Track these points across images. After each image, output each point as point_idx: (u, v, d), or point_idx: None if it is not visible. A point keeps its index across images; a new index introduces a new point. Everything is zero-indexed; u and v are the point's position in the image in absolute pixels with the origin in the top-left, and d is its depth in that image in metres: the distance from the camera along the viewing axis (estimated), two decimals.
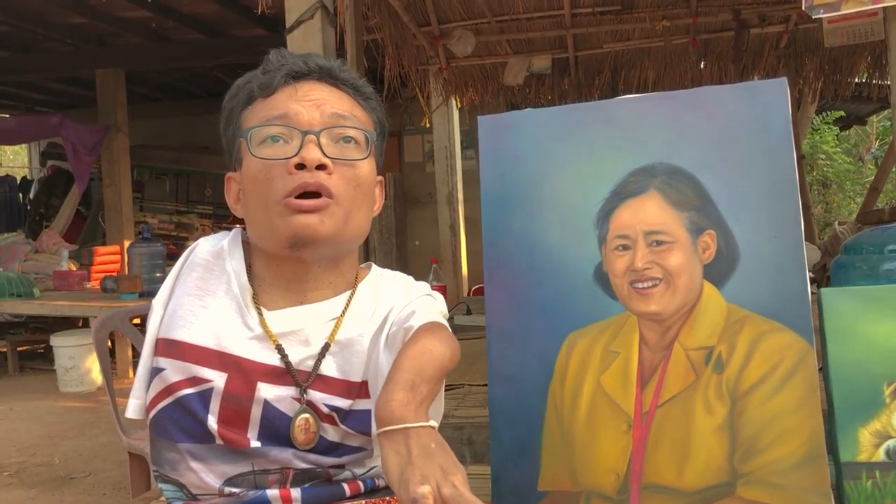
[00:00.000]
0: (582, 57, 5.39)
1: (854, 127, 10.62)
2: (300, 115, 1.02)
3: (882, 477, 1.11)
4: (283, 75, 1.04)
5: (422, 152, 8.71)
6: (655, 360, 1.21)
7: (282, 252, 1.03)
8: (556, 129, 1.30)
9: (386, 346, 1.05)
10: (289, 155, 1.00)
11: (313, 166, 0.99)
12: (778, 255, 1.18)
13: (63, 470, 3.90)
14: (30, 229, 8.46)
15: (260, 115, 1.04)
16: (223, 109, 1.10)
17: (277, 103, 1.03)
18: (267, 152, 1.01)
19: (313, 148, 1.00)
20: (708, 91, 1.27)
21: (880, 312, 1.14)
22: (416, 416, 0.83)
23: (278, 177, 1.00)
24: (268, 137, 1.02)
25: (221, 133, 1.10)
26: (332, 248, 1.04)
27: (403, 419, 0.82)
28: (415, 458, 0.78)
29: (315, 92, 1.04)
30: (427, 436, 0.81)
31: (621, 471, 1.20)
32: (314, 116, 1.02)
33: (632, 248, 1.23)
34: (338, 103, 1.05)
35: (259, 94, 1.05)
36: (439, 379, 0.91)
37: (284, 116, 1.02)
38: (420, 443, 0.80)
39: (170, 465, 1.03)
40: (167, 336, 1.05)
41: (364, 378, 1.06)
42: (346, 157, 1.03)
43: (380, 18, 4.38)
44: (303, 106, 1.02)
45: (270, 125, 1.02)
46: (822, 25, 4.06)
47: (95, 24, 6.11)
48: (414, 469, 0.77)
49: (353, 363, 1.06)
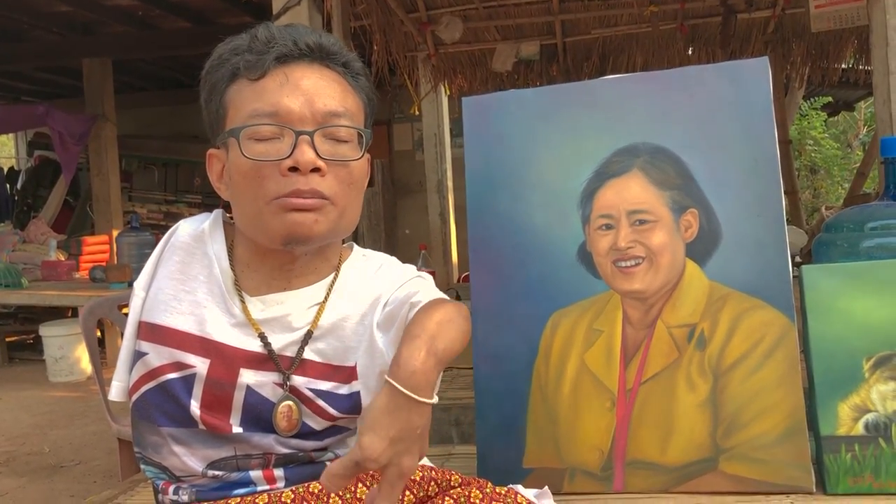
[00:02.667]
0: (570, 43, 5.38)
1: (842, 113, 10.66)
2: (292, 112, 0.98)
3: (861, 450, 1.13)
4: (272, 59, 1.00)
5: (411, 141, 8.69)
6: (639, 338, 1.23)
7: (273, 246, 1.03)
8: (540, 109, 1.30)
9: (380, 326, 1.05)
10: (281, 155, 0.97)
11: (307, 169, 0.97)
12: (759, 232, 1.20)
13: (53, 459, 3.90)
14: (17, 220, 8.42)
15: (249, 105, 1.00)
16: (204, 79, 1.06)
17: (267, 95, 0.99)
18: (258, 150, 0.98)
19: (307, 150, 0.97)
20: (690, 71, 1.29)
21: (860, 289, 1.15)
22: (428, 386, 0.86)
23: (270, 177, 0.97)
24: (258, 134, 0.99)
25: (202, 105, 1.07)
26: (325, 242, 1.04)
27: (417, 386, 0.85)
28: (395, 433, 0.83)
29: (306, 80, 1.00)
30: (420, 416, 0.85)
31: (605, 447, 1.22)
32: (305, 113, 0.99)
33: (615, 227, 1.24)
34: (330, 95, 1.01)
35: (246, 75, 1.01)
36: (457, 350, 0.93)
37: (276, 115, 0.98)
38: (409, 421, 0.84)
39: (153, 448, 1.04)
40: (149, 320, 1.05)
41: (351, 362, 1.06)
42: (341, 158, 1.00)
43: (367, 5, 4.36)
44: (294, 100, 0.99)
45: (262, 125, 0.98)
46: (809, 10, 4.07)
47: (82, 12, 6.06)
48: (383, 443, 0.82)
49: (336, 347, 1.06)
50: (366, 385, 1.05)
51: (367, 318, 1.07)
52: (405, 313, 1.02)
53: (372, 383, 1.05)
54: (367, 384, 1.05)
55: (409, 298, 1.03)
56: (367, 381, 1.05)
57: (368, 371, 1.05)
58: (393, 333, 1.03)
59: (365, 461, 0.82)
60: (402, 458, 0.83)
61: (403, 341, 0.90)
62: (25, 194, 8.81)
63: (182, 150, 8.72)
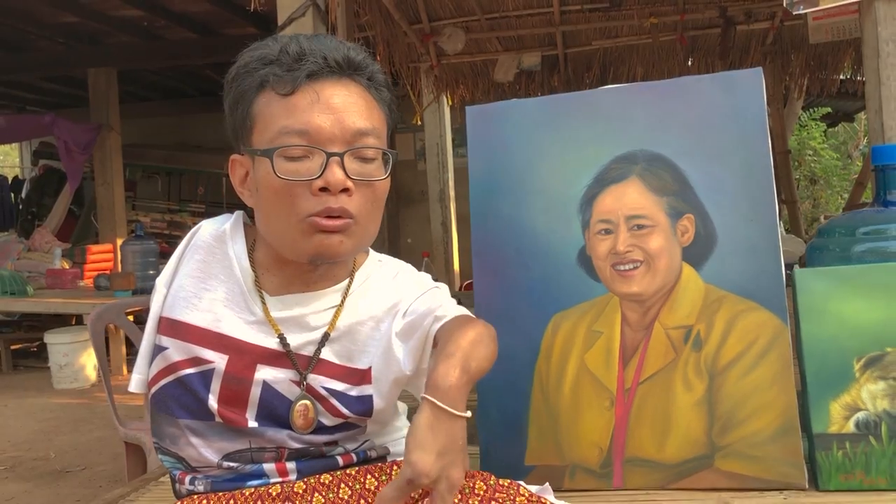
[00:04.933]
0: (571, 54, 5.44)
1: (842, 124, 10.71)
2: (322, 131, 1.00)
3: (852, 448, 1.16)
4: (304, 76, 1.01)
5: (413, 150, 8.74)
6: (637, 339, 1.26)
7: (298, 261, 1.06)
8: (542, 118, 1.35)
9: (399, 335, 1.08)
10: (312, 175, 1.00)
11: (338, 190, 1.00)
12: (753, 237, 1.23)
13: (59, 464, 3.93)
14: (22, 228, 8.47)
15: (278, 122, 1.01)
16: (230, 85, 1.07)
17: (298, 113, 1.01)
18: (289, 168, 1.00)
19: (337, 170, 1.00)
20: (686, 81, 1.33)
21: (851, 292, 1.19)
22: (463, 401, 0.92)
23: (301, 195, 1.00)
24: (289, 154, 1.01)
25: (227, 111, 1.08)
26: (350, 258, 1.09)
27: (454, 401, 0.91)
28: (440, 447, 0.88)
29: (336, 97, 1.02)
30: (460, 429, 0.91)
31: (604, 445, 1.26)
32: (335, 133, 1.01)
33: (614, 231, 1.28)
34: (357, 112, 1.03)
35: (276, 90, 1.02)
36: (486, 368, 0.99)
37: (306, 134, 1.00)
38: (451, 433, 0.89)
39: (170, 439, 1.07)
40: (170, 316, 1.09)
41: (365, 365, 1.09)
42: (368, 178, 1.04)
43: (371, 16, 4.42)
44: (325, 119, 1.01)
45: (293, 146, 1.00)
46: (808, 22, 4.12)
47: (88, 23, 6.12)
48: (431, 457, 0.87)
49: (352, 350, 1.09)
50: (378, 390, 1.09)
51: (383, 323, 1.10)
52: (428, 325, 1.06)
53: (385, 388, 1.09)
54: (380, 389, 1.09)
55: (433, 311, 1.07)
56: (380, 387, 1.09)
57: (382, 376, 1.09)
58: (413, 343, 1.07)
59: (418, 477, 0.86)
60: (451, 471, 0.88)
61: (439, 359, 0.95)
62: (30, 203, 8.87)
63: (186, 159, 8.77)
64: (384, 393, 1.09)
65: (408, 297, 1.12)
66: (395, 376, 1.07)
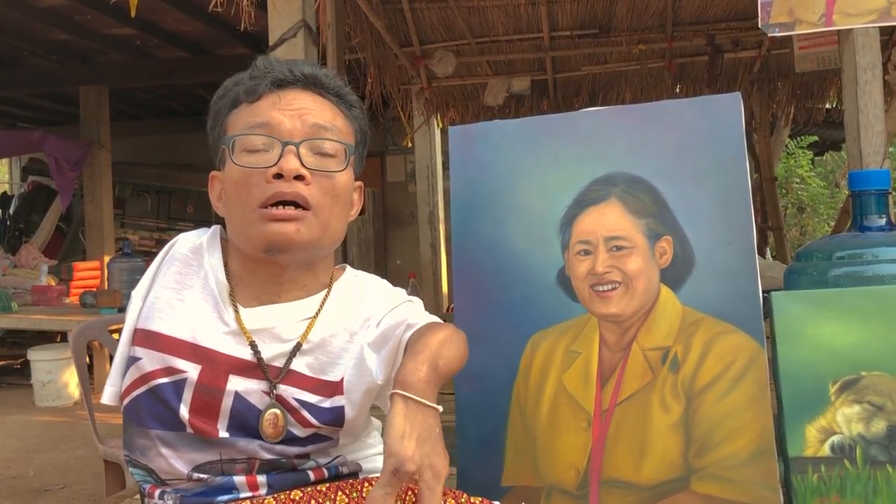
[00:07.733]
0: (560, 79, 5.48)
1: (830, 153, 10.80)
2: (282, 124, 1.05)
3: (827, 471, 1.16)
4: (268, 83, 1.07)
5: (404, 172, 8.77)
6: (615, 360, 1.27)
7: (257, 255, 1.07)
8: (523, 139, 1.36)
9: (371, 346, 1.10)
10: (268, 164, 1.03)
11: (291, 177, 1.03)
12: (731, 260, 1.24)
13: (38, 482, 3.88)
14: (9, 244, 8.42)
15: (243, 120, 1.07)
16: (210, 108, 1.13)
17: (261, 111, 1.06)
18: (247, 160, 1.05)
19: (292, 159, 1.03)
20: (666, 105, 1.34)
21: (827, 315, 1.19)
22: (433, 396, 0.93)
23: (256, 185, 1.04)
24: (249, 146, 1.05)
25: (208, 131, 1.14)
26: (308, 253, 1.08)
27: (424, 394, 0.91)
28: (418, 435, 0.88)
29: (298, 101, 1.07)
30: (434, 419, 0.91)
31: (581, 466, 1.25)
32: (296, 126, 1.05)
33: (593, 252, 1.29)
34: (320, 113, 1.08)
35: (244, 99, 1.08)
36: (455, 369, 1.00)
37: (266, 125, 1.05)
38: (426, 423, 0.90)
39: (140, 451, 1.07)
40: (144, 327, 1.09)
41: (337, 377, 1.10)
42: (325, 169, 1.06)
43: (362, 38, 4.45)
44: (285, 115, 1.06)
45: (252, 134, 1.05)
46: (794, 51, 4.18)
47: (80, 40, 6.13)
48: (411, 444, 0.87)
49: (324, 362, 1.10)
50: (350, 400, 1.09)
51: (356, 335, 1.11)
52: (400, 334, 1.07)
53: (356, 399, 1.09)
54: (352, 399, 1.09)
55: (405, 321, 1.09)
56: (352, 397, 1.09)
57: (354, 387, 1.09)
58: (385, 353, 1.08)
59: (402, 464, 0.86)
60: (433, 459, 0.88)
61: (408, 356, 0.96)
62: (18, 219, 8.82)
63: (175, 177, 8.77)
64: (356, 403, 1.10)
65: (381, 309, 1.13)
66: (367, 386, 1.09)
